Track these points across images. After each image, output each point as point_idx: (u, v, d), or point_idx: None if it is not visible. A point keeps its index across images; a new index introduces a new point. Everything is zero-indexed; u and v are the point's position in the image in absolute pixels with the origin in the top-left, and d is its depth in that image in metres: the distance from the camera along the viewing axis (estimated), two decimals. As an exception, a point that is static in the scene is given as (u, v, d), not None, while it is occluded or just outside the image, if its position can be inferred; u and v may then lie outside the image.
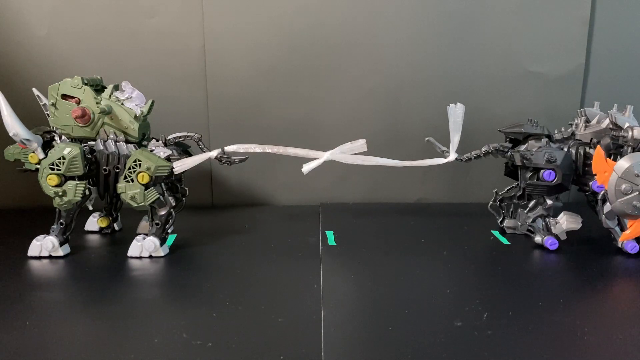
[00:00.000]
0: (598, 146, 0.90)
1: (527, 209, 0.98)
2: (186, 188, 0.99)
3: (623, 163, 0.88)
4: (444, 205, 1.21)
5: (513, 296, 0.77)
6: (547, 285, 0.81)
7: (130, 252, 0.91)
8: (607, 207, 0.92)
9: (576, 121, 1.00)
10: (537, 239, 0.96)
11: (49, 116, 0.91)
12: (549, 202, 0.96)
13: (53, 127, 0.91)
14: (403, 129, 1.18)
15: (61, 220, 0.91)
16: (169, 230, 0.93)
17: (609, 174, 0.89)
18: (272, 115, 1.17)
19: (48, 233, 0.91)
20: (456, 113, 0.94)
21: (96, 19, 1.11)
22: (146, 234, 0.92)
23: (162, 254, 0.91)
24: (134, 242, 0.91)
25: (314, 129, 1.18)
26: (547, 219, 0.97)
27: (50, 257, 0.89)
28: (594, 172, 0.90)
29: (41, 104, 0.92)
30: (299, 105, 1.17)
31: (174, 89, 1.14)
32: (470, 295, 0.77)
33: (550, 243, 0.94)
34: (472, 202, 1.21)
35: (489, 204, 1.03)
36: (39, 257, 0.89)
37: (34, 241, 0.90)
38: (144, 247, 0.90)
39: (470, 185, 1.23)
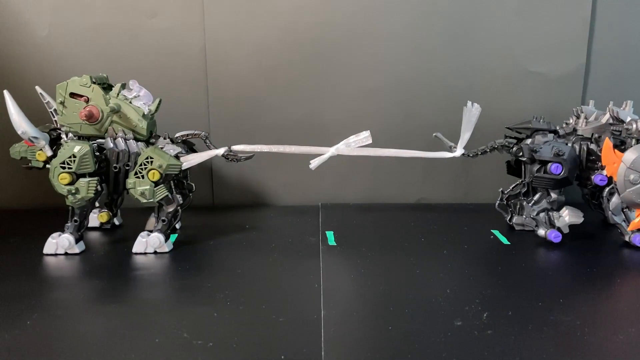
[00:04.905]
0: (607, 138, 0.92)
1: (532, 202, 0.99)
2: (192, 184, 1.00)
3: (631, 154, 0.89)
4: (444, 205, 1.21)
5: (513, 296, 0.77)
6: (547, 284, 0.81)
7: (135, 249, 0.91)
8: (613, 204, 0.93)
9: (571, 120, 1.02)
10: (541, 232, 0.96)
11: (52, 114, 0.92)
12: (554, 195, 0.97)
13: (58, 125, 0.92)
14: (404, 128, 1.18)
15: (75, 218, 0.91)
16: (177, 227, 0.98)
17: (617, 165, 0.90)
18: (273, 114, 1.17)
19: (62, 231, 0.91)
20: (471, 113, 0.94)
21: (97, 19, 1.11)
22: (151, 231, 0.93)
23: (167, 249, 0.92)
24: (139, 238, 0.91)
25: (316, 127, 1.17)
26: (550, 213, 0.97)
27: (66, 254, 0.90)
28: (602, 164, 0.92)
29: (44, 101, 0.92)
30: (301, 104, 1.17)
31: (175, 89, 1.14)
32: (470, 295, 0.77)
33: (554, 236, 0.94)
34: (472, 202, 1.22)
35: (496, 204, 1.03)
36: (55, 255, 0.90)
37: (49, 239, 0.91)
38: (149, 243, 0.91)
39: (471, 185, 1.23)
